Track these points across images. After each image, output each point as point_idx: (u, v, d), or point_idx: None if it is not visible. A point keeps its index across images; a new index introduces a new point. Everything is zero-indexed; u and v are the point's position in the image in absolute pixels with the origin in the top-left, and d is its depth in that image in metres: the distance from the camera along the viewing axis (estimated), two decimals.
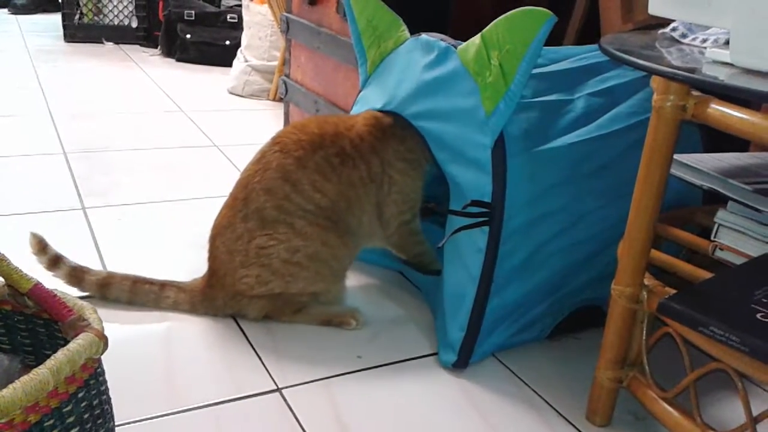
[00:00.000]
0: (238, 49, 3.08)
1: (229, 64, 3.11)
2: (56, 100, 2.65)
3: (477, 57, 1.16)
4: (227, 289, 1.27)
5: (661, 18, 0.94)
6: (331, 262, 1.27)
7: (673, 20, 1.01)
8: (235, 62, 3.06)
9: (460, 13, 1.93)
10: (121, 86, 2.99)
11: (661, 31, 1.04)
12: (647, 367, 1.01)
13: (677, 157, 1.09)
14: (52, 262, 1.28)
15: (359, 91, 1.48)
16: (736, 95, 0.78)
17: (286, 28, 2.24)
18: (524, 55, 1.11)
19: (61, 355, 0.69)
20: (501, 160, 1.15)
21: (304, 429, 1.03)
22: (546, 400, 1.14)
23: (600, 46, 0.96)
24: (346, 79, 1.93)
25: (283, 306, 1.28)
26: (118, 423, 0.88)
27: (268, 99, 2.96)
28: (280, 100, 2.55)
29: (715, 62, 0.87)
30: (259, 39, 2.97)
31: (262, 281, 1.25)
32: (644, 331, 1.02)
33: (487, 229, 1.15)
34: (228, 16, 3.51)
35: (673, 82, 0.89)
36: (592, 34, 1.77)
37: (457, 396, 1.14)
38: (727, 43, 0.84)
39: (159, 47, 3.68)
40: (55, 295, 0.78)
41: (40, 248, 1.28)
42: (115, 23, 3.86)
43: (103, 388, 0.78)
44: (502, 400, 1.13)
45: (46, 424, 0.68)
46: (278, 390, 1.12)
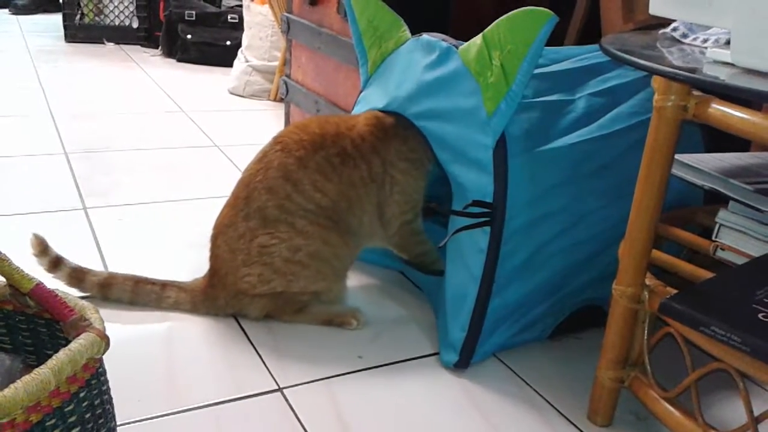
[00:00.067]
0: (239, 50, 3.08)
1: (230, 65, 3.11)
2: (57, 100, 2.66)
3: (478, 57, 1.16)
4: (229, 288, 1.27)
5: (662, 18, 0.95)
6: (333, 261, 1.27)
7: (674, 20, 1.01)
8: (235, 62, 3.06)
9: (461, 13, 1.94)
10: (122, 86, 2.99)
11: (661, 31, 1.04)
12: (649, 367, 1.01)
13: (678, 157, 1.09)
14: (53, 264, 1.28)
15: (360, 92, 1.48)
16: (737, 95, 0.78)
17: (287, 29, 2.24)
18: (526, 55, 1.11)
19: (63, 354, 0.69)
20: (502, 161, 1.15)
21: (306, 429, 1.03)
22: (547, 400, 1.14)
23: (601, 46, 0.96)
24: (346, 79, 1.93)
25: (284, 305, 1.28)
26: (119, 423, 0.88)
27: (268, 99, 2.97)
28: (281, 101, 2.55)
29: (715, 62, 0.87)
30: (259, 39, 2.97)
31: (264, 280, 1.25)
32: (645, 331, 1.02)
33: (488, 229, 1.16)
34: (229, 17, 3.51)
35: (674, 82, 0.89)
36: (593, 34, 1.77)
37: (458, 396, 1.14)
38: (728, 43, 0.84)
39: (160, 47, 3.69)
40: (57, 295, 0.78)
41: (42, 250, 1.28)
42: (116, 23, 3.86)
43: (104, 387, 0.78)
44: (504, 400, 1.13)
45: (48, 424, 0.68)
46: (279, 390, 1.12)
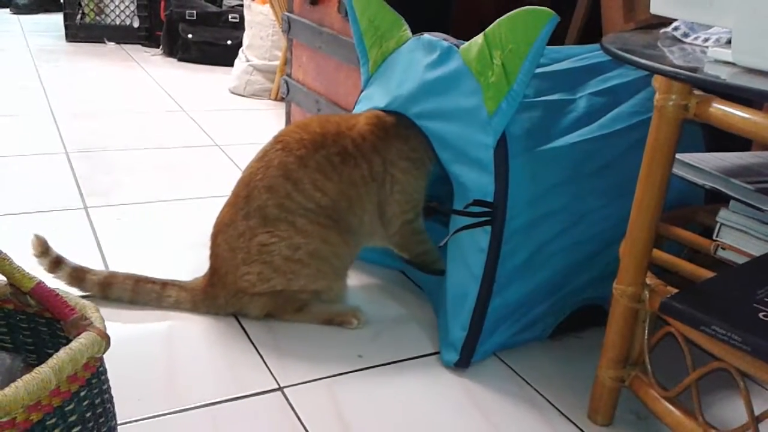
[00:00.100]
0: (240, 49, 3.08)
1: (231, 64, 3.11)
2: (58, 99, 2.66)
3: (479, 56, 1.16)
4: (229, 287, 1.27)
5: (663, 17, 0.94)
6: (333, 260, 1.27)
7: (675, 19, 1.01)
8: (236, 62, 3.06)
9: (462, 12, 1.94)
10: (122, 86, 2.99)
11: (662, 31, 1.04)
12: (649, 367, 1.00)
13: (679, 157, 1.09)
14: (53, 265, 1.28)
15: (361, 91, 1.48)
16: (738, 94, 0.78)
17: (288, 28, 2.24)
18: (527, 54, 1.11)
19: (63, 354, 0.69)
20: (503, 160, 1.15)
21: (306, 428, 1.03)
22: (548, 399, 1.14)
23: (602, 45, 0.96)
24: (347, 78, 1.93)
25: (284, 304, 1.28)
26: (119, 421, 0.88)
27: (269, 99, 2.97)
28: (282, 100, 2.55)
29: (717, 61, 0.86)
30: (260, 39, 2.97)
31: (264, 278, 1.25)
32: (646, 331, 1.02)
33: (489, 228, 1.15)
34: (230, 16, 3.51)
35: (675, 81, 0.89)
36: (594, 34, 1.77)
37: (459, 395, 1.14)
38: (729, 42, 0.84)
39: (161, 47, 3.69)
40: (57, 294, 0.78)
41: (43, 250, 1.28)
42: (117, 23, 3.86)
43: (105, 387, 0.78)
44: (504, 399, 1.13)
45: (48, 423, 0.68)
46: (280, 389, 1.12)
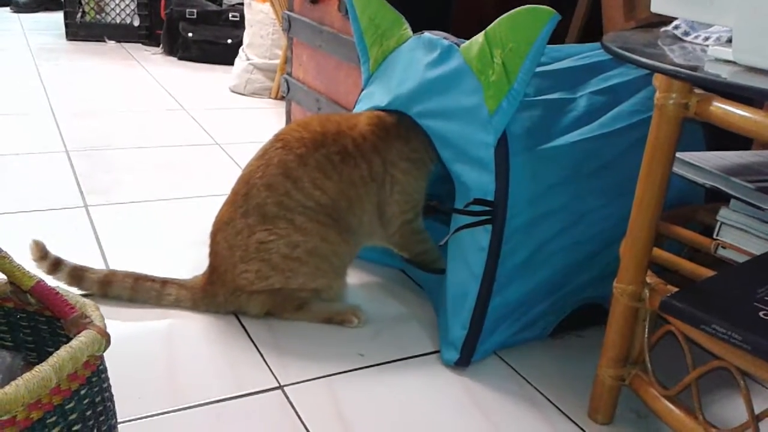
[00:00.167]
0: (240, 48, 3.08)
1: (231, 63, 3.11)
2: (58, 98, 2.66)
3: (480, 55, 1.16)
4: (227, 285, 1.27)
5: (664, 16, 0.94)
6: (332, 259, 1.27)
7: (676, 18, 1.01)
8: (237, 61, 3.06)
9: (462, 11, 1.93)
10: (123, 84, 2.99)
11: (663, 29, 1.04)
12: (649, 365, 1.01)
13: (680, 155, 1.09)
14: (53, 267, 1.28)
15: (362, 90, 1.48)
16: (739, 93, 0.78)
17: (288, 27, 2.24)
18: (527, 53, 1.11)
19: (64, 352, 0.69)
20: (504, 159, 1.15)
21: (306, 426, 1.03)
22: (548, 398, 1.14)
23: (602, 44, 0.96)
24: (347, 77, 1.93)
25: (284, 302, 1.28)
26: (120, 420, 0.88)
27: (269, 97, 2.97)
28: (282, 99, 2.55)
29: (717, 60, 0.86)
30: (261, 37, 2.97)
31: (262, 276, 1.25)
32: (646, 329, 1.02)
33: (489, 227, 1.15)
34: (230, 15, 3.51)
35: (675, 80, 0.88)
36: (595, 33, 1.77)
37: (459, 394, 1.14)
38: (730, 41, 0.84)
39: (161, 46, 3.69)
40: (58, 293, 0.78)
41: (41, 255, 1.27)
42: (117, 21, 3.86)
43: (105, 385, 0.78)
44: (505, 398, 1.13)
45: (49, 421, 0.68)
46: (280, 387, 1.12)
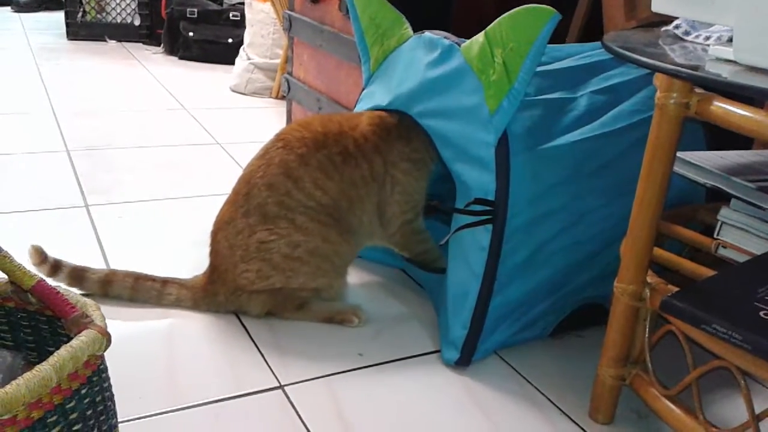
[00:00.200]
0: (241, 47, 3.08)
1: (232, 62, 3.11)
2: (59, 97, 2.66)
3: (481, 55, 1.16)
4: (228, 284, 1.27)
5: (665, 15, 0.94)
6: (332, 258, 1.27)
7: (677, 17, 1.01)
8: (237, 60, 3.06)
9: (462, 10, 1.93)
10: (123, 84, 3.00)
11: (664, 29, 1.04)
12: (650, 365, 1.00)
13: (680, 155, 1.09)
14: (53, 269, 1.27)
15: (362, 89, 1.48)
16: (740, 93, 0.78)
17: (289, 26, 2.24)
18: (528, 53, 1.10)
19: (64, 351, 0.69)
20: (504, 158, 1.15)
21: (307, 426, 1.03)
22: (549, 398, 1.14)
23: (603, 43, 0.96)
24: (348, 76, 1.92)
25: (284, 302, 1.28)
26: (120, 420, 0.89)
27: (270, 97, 2.97)
28: (283, 98, 2.55)
29: (718, 60, 0.86)
30: (261, 37, 2.97)
31: (263, 276, 1.25)
32: (647, 329, 1.02)
33: (490, 227, 1.15)
34: (231, 14, 3.51)
35: (676, 79, 0.88)
36: (595, 32, 1.77)
37: (459, 393, 1.14)
38: (731, 40, 0.84)
39: (162, 45, 3.69)
40: (58, 292, 0.78)
41: (41, 259, 1.27)
42: (118, 21, 3.87)
43: (105, 384, 0.78)
44: (505, 397, 1.13)
45: (49, 421, 0.68)
46: (280, 387, 1.12)
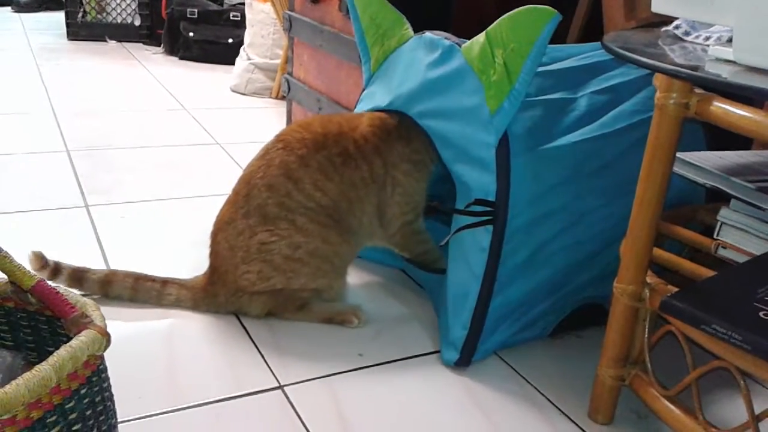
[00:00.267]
0: (241, 47, 3.08)
1: (232, 62, 3.11)
2: (59, 98, 2.66)
3: (481, 55, 1.16)
4: (229, 285, 1.27)
5: (664, 16, 0.94)
6: (333, 259, 1.27)
7: (676, 18, 1.01)
8: (237, 60, 3.06)
9: (463, 11, 1.93)
10: (124, 84, 3.00)
11: (664, 29, 1.04)
12: (649, 365, 1.00)
13: (680, 155, 1.09)
14: (53, 273, 1.27)
15: (363, 90, 1.48)
16: (739, 93, 0.78)
17: (289, 26, 2.24)
18: (529, 53, 1.10)
19: (64, 351, 0.69)
20: (505, 159, 1.15)
21: (306, 426, 1.03)
22: (548, 398, 1.14)
23: (603, 44, 0.96)
24: (348, 77, 1.93)
25: (285, 302, 1.28)
26: (120, 420, 0.89)
27: (270, 97, 2.97)
28: (283, 98, 2.55)
29: (718, 60, 0.86)
30: (261, 37, 2.98)
31: (264, 277, 1.25)
32: (646, 329, 1.02)
33: (490, 228, 1.15)
34: (231, 15, 3.51)
35: (675, 79, 0.88)
36: (595, 32, 1.77)
37: (459, 394, 1.14)
38: (730, 40, 0.84)
39: (162, 45, 3.69)
40: (58, 292, 0.78)
41: (42, 264, 1.27)
42: (118, 21, 3.87)
43: (105, 384, 0.78)
44: (505, 398, 1.13)
45: (49, 421, 0.68)
46: (280, 387, 1.12)
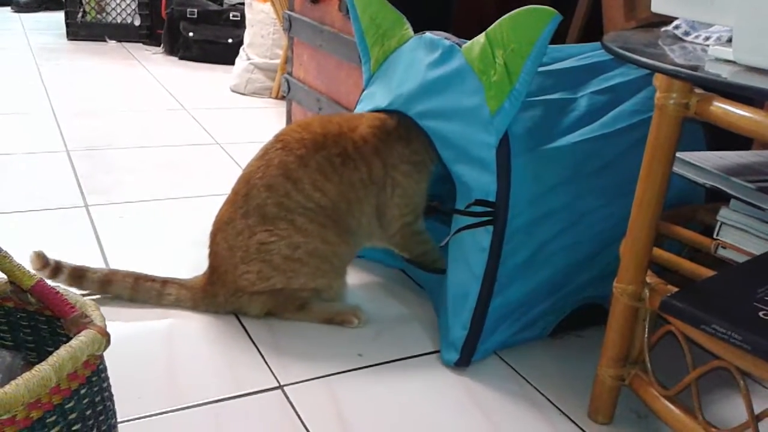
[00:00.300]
0: (241, 47, 3.08)
1: (232, 62, 3.11)
2: (59, 98, 2.66)
3: (482, 55, 1.16)
4: (228, 285, 1.27)
5: (664, 16, 0.94)
6: (332, 259, 1.27)
7: (676, 18, 1.01)
8: (237, 60, 3.06)
9: (463, 11, 1.93)
10: (123, 84, 3.00)
11: (663, 29, 1.04)
12: (649, 365, 1.00)
13: (680, 155, 1.09)
14: (53, 272, 1.27)
15: (363, 90, 1.48)
16: (739, 93, 0.78)
17: (289, 26, 2.24)
18: (529, 54, 1.10)
19: (64, 351, 0.69)
20: (505, 160, 1.14)
21: (306, 426, 1.03)
22: (548, 398, 1.14)
23: (603, 44, 0.96)
24: (348, 77, 1.93)
25: (285, 302, 1.28)
26: (120, 420, 0.89)
27: (270, 97, 2.97)
28: (283, 98, 2.55)
29: (717, 60, 0.86)
30: (261, 37, 2.98)
31: (263, 277, 1.25)
32: (646, 329, 1.02)
33: (491, 228, 1.15)
34: (231, 14, 3.51)
35: (675, 79, 0.88)
36: (595, 32, 1.77)
37: (459, 394, 1.14)
38: (730, 40, 0.84)
39: (162, 45, 3.69)
40: (58, 292, 0.78)
41: (43, 264, 1.27)
42: (118, 21, 3.87)
43: (105, 384, 0.78)
44: (505, 398, 1.13)
45: (49, 421, 0.68)
46: (280, 387, 1.12)
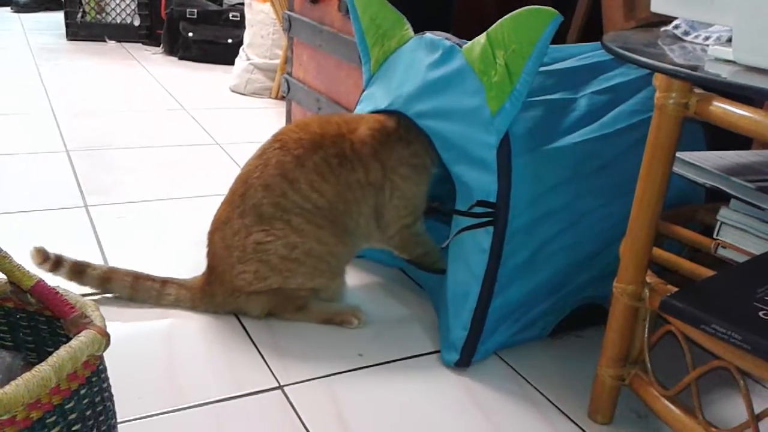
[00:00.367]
0: (241, 48, 3.08)
1: (232, 63, 3.11)
2: (59, 98, 2.66)
3: (482, 56, 1.16)
4: (226, 285, 1.27)
5: (664, 15, 0.94)
6: (329, 259, 1.27)
7: (676, 18, 1.01)
8: (237, 60, 3.06)
9: (463, 11, 1.93)
10: (123, 84, 3.00)
11: (663, 29, 1.04)
12: (649, 365, 1.01)
13: (680, 155, 1.09)
14: (54, 266, 1.27)
15: (363, 90, 1.48)
16: (739, 93, 0.78)
17: (289, 26, 2.24)
18: (530, 54, 1.10)
19: (63, 352, 0.69)
20: (506, 160, 1.14)
21: (306, 426, 1.03)
22: (548, 398, 1.14)
23: (603, 44, 0.96)
24: (348, 77, 1.92)
25: (284, 302, 1.28)
26: (120, 420, 0.88)
27: (270, 97, 2.97)
28: (283, 99, 2.55)
29: (717, 60, 0.86)
30: (261, 37, 2.98)
31: (260, 277, 1.24)
32: (646, 329, 1.02)
33: (491, 229, 1.15)
34: (230, 15, 3.51)
35: (675, 79, 0.88)
36: (595, 32, 1.77)
37: (459, 394, 1.14)
38: (730, 40, 0.84)
39: (161, 45, 3.69)
40: (58, 293, 0.78)
41: (43, 259, 1.27)
42: (118, 21, 3.87)
43: (105, 385, 0.78)
44: (505, 398, 1.13)
45: (48, 421, 0.68)
46: (280, 387, 1.12)
